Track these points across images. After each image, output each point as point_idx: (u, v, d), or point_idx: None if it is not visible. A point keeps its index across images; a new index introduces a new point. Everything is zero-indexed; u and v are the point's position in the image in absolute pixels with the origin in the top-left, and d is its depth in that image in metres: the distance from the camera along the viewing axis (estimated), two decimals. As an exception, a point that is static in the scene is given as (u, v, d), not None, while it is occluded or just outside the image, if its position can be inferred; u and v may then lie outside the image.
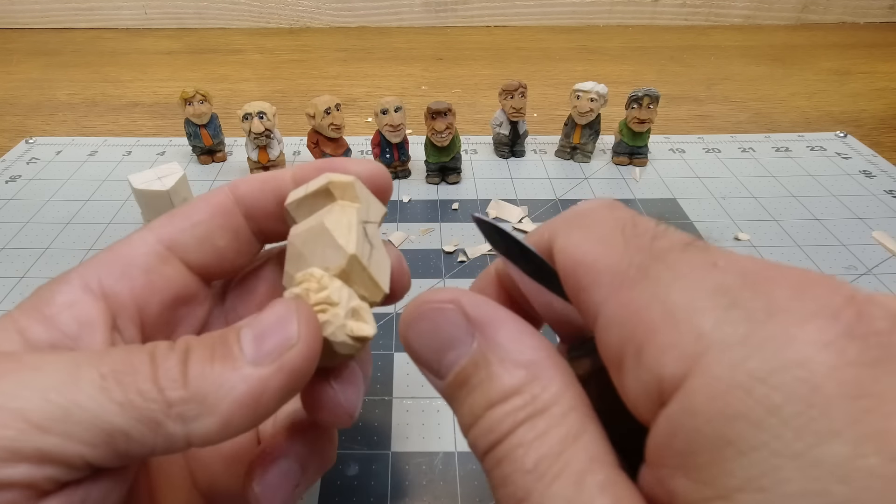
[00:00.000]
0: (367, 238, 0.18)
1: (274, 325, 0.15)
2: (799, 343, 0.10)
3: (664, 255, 0.12)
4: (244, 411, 0.14)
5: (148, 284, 0.18)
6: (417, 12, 0.90)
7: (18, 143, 0.54)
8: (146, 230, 0.19)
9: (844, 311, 0.10)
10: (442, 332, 0.14)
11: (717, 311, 0.11)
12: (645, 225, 0.13)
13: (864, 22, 0.91)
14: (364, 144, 0.53)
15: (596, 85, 0.47)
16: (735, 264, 0.11)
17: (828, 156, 0.52)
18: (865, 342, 0.10)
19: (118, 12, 0.88)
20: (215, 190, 0.20)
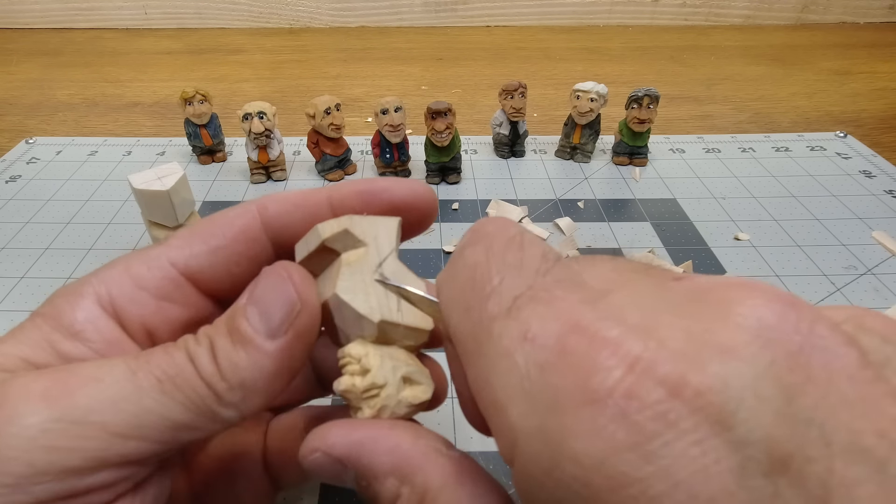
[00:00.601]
0: (387, 287, 0.17)
1: (274, 297, 0.15)
2: (572, 438, 0.11)
3: (491, 325, 0.13)
4: (279, 380, 0.15)
5: (158, 311, 0.18)
6: (417, 12, 0.90)
7: (18, 143, 0.54)
8: (163, 248, 0.18)
9: (615, 394, 0.10)
10: (325, 474, 0.16)
11: (522, 401, 0.12)
12: (486, 276, 0.13)
13: (864, 22, 0.91)
14: (364, 144, 0.53)
15: (596, 85, 0.47)
16: (544, 335, 0.12)
17: (828, 156, 0.52)
18: (638, 427, 0.10)
19: (118, 12, 0.88)
20: (243, 207, 0.19)
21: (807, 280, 0.37)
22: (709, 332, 0.11)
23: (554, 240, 0.41)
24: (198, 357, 0.15)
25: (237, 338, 0.15)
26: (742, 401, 0.10)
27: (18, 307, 0.35)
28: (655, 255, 0.39)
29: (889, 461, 0.09)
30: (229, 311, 0.16)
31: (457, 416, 0.28)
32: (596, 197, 0.46)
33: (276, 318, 0.15)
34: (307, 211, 0.19)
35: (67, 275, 0.38)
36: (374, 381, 0.16)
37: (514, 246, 0.14)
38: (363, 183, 0.19)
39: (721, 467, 0.09)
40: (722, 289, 0.11)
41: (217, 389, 0.15)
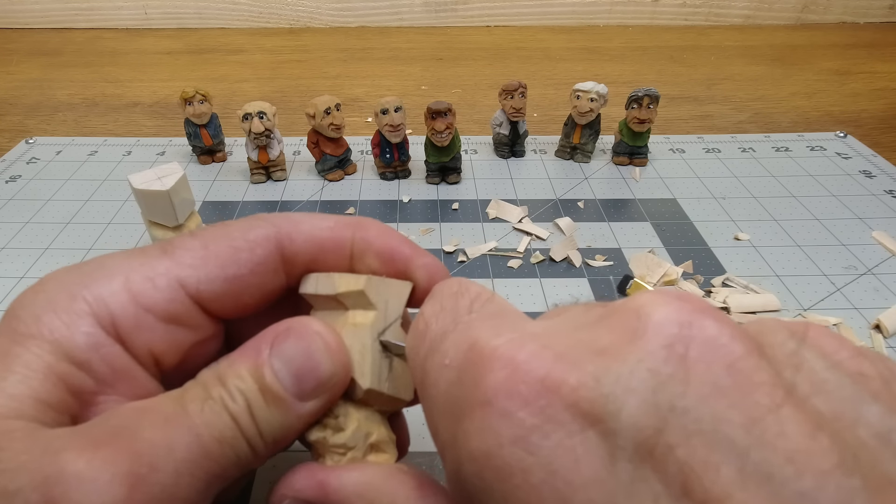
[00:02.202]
0: (383, 354, 0.17)
1: (309, 364, 0.16)
2: (468, 438, 0.12)
3: (426, 363, 0.14)
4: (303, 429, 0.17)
5: (165, 337, 0.16)
6: (417, 12, 0.90)
7: (18, 143, 0.54)
8: (172, 264, 0.16)
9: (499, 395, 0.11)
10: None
11: (444, 418, 0.13)
12: (424, 322, 0.15)
13: (864, 22, 0.91)
14: (364, 144, 0.53)
15: (596, 85, 0.47)
16: (454, 357, 0.13)
17: (828, 156, 0.52)
18: (520, 422, 0.11)
19: (118, 12, 0.88)
20: (263, 232, 0.17)
21: (807, 280, 0.37)
22: (595, 337, 0.12)
23: (554, 240, 0.41)
24: (240, 418, 0.15)
25: (270, 398, 0.15)
26: (612, 395, 0.10)
27: (18, 307, 0.35)
28: (655, 254, 0.39)
29: (751, 448, 0.09)
30: (249, 356, 0.16)
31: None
32: (596, 197, 0.46)
33: (309, 384, 0.16)
34: (330, 255, 0.18)
35: (67, 275, 0.38)
36: (346, 443, 0.17)
37: (453, 296, 0.15)
38: (389, 240, 0.18)
39: (592, 455, 0.10)
40: (632, 300, 0.12)
41: (255, 446, 0.15)
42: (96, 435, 0.14)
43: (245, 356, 0.16)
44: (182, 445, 0.14)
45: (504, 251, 0.40)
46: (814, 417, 0.10)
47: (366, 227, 0.18)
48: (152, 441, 0.14)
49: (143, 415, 0.14)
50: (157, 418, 0.14)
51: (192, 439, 0.14)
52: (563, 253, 0.39)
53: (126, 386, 0.16)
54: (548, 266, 0.39)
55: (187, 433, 0.14)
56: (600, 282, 0.37)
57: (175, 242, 0.17)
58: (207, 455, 0.14)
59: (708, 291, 0.36)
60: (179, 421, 0.14)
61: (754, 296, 0.36)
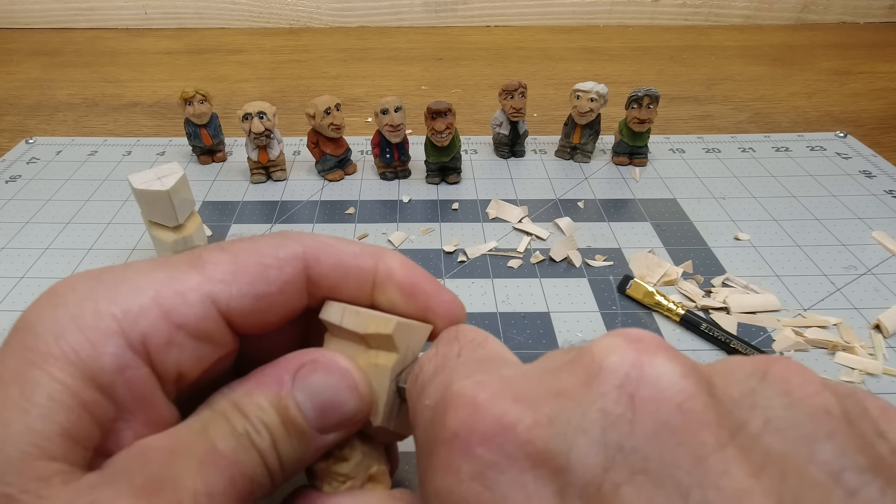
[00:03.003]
0: (397, 392, 0.18)
1: (334, 399, 0.16)
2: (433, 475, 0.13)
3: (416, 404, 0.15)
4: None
5: (195, 354, 0.16)
6: (417, 12, 0.90)
7: (18, 143, 0.54)
8: (203, 279, 0.16)
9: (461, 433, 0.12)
10: None
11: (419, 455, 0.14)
12: (420, 365, 0.16)
13: (864, 22, 0.91)
14: (364, 144, 0.53)
15: (596, 85, 0.47)
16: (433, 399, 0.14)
17: (828, 156, 0.52)
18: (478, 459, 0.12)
19: (118, 12, 0.88)
20: (289, 249, 0.17)
21: (807, 280, 0.37)
22: (556, 380, 0.12)
23: (554, 240, 0.41)
24: (265, 452, 0.15)
25: (292, 429, 0.15)
26: (563, 434, 0.11)
27: (18, 307, 0.35)
28: (655, 254, 0.39)
29: (693, 487, 0.10)
30: (271, 386, 0.15)
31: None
32: (596, 197, 0.46)
33: (332, 419, 0.16)
34: (353, 282, 0.18)
35: (67, 275, 0.38)
36: (348, 473, 0.17)
37: (448, 342, 0.16)
38: (413, 275, 0.18)
39: (543, 492, 0.11)
40: (594, 343, 0.13)
41: (275, 478, 0.15)
42: (140, 485, 0.13)
43: (265, 386, 0.15)
44: (219, 490, 0.14)
45: (504, 251, 0.40)
46: (759, 457, 0.10)
47: (390, 259, 0.18)
48: (195, 490, 0.13)
49: (176, 458, 0.14)
50: (192, 463, 0.14)
51: (229, 483, 0.14)
52: (563, 253, 0.39)
53: (146, 413, 0.15)
54: (548, 266, 0.39)
55: (223, 477, 0.14)
56: (600, 282, 0.37)
57: (203, 256, 0.16)
58: (240, 496, 0.14)
59: (708, 291, 0.36)
60: (214, 463, 0.14)
61: (754, 296, 0.36)
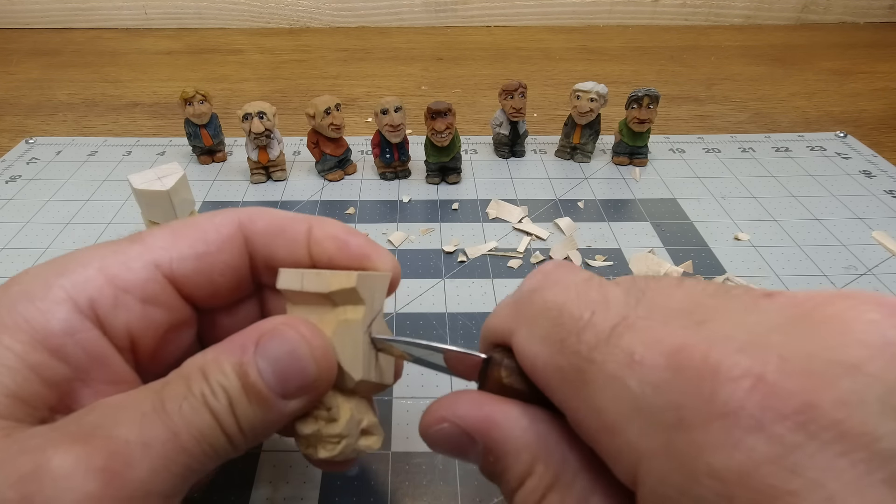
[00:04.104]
0: (371, 345, 0.18)
1: (292, 365, 0.16)
2: (707, 453, 0.11)
3: (593, 354, 0.13)
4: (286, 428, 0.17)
5: (144, 317, 0.17)
6: (417, 12, 0.90)
7: (18, 143, 0.54)
8: (144, 248, 0.17)
9: (747, 406, 0.10)
10: (450, 447, 0.16)
11: (639, 420, 0.12)
12: (576, 311, 0.14)
13: (864, 22, 0.91)
14: (364, 144, 0.53)
15: (596, 85, 0.47)
16: (652, 357, 0.12)
17: (828, 156, 0.52)
18: (778, 439, 0.10)
19: (118, 12, 0.88)
20: (227, 216, 0.18)
21: (807, 280, 0.37)
22: (830, 349, 0.11)
23: (554, 240, 0.41)
24: (220, 415, 0.15)
25: (253, 396, 0.15)
26: (882, 414, 0.10)
27: (18, 307, 0.35)
28: (655, 254, 0.39)
29: None
30: (234, 352, 0.16)
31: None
32: (596, 197, 0.46)
33: (293, 385, 0.16)
34: (288, 237, 0.19)
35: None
36: (340, 433, 0.17)
37: (594, 286, 0.15)
38: (345, 229, 0.19)
39: (873, 479, 0.09)
40: (828, 304, 0.11)
41: (235, 442, 0.15)
42: (72, 432, 0.14)
43: (229, 352, 0.16)
44: (158, 443, 0.14)
45: (504, 251, 0.40)
46: None
47: (324, 221, 0.19)
48: (128, 439, 0.14)
49: (120, 411, 0.14)
50: (134, 415, 0.14)
51: (169, 437, 0.14)
52: (563, 253, 0.39)
53: (102, 373, 0.16)
54: (548, 266, 0.39)
55: (164, 431, 0.14)
56: (600, 282, 0.37)
57: (144, 233, 0.18)
58: (184, 451, 0.14)
59: (708, 291, 0.36)
60: (156, 418, 0.14)
61: (754, 296, 0.36)
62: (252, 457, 0.26)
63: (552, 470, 0.14)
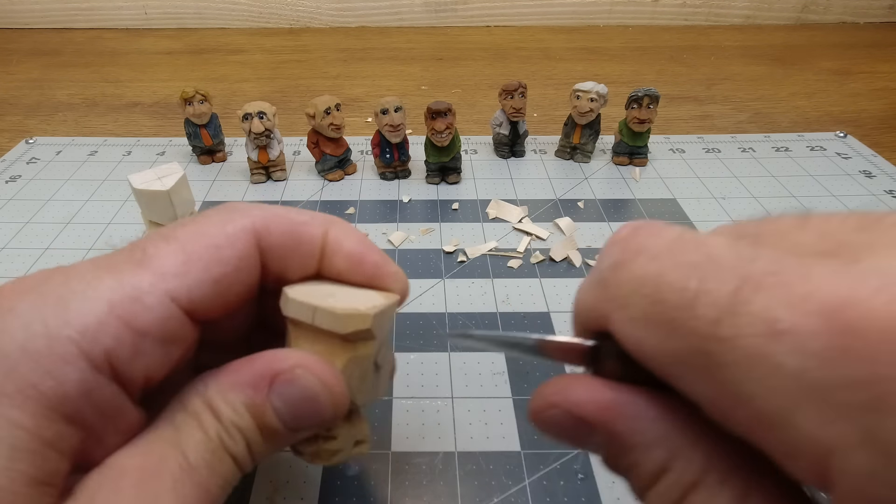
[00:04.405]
0: (376, 369, 0.18)
1: (311, 408, 0.16)
2: None
3: (718, 330, 0.10)
4: None
5: (163, 358, 0.15)
6: (417, 12, 0.90)
7: (18, 143, 0.54)
8: (156, 277, 0.15)
9: None
10: (564, 435, 0.14)
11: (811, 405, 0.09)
12: (678, 282, 0.11)
13: (864, 22, 0.91)
14: (364, 144, 0.53)
15: (596, 85, 0.47)
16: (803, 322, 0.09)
17: (828, 156, 0.52)
18: None
19: (118, 12, 0.88)
20: (237, 224, 0.16)
21: (807, 280, 0.37)
22: None
23: (554, 240, 0.41)
24: (239, 458, 0.15)
25: (268, 434, 0.15)
26: None
27: (18, 307, 0.35)
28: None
29: None
30: (245, 390, 0.15)
31: (457, 417, 0.28)
32: (596, 197, 0.46)
33: (307, 423, 0.16)
34: (304, 252, 0.18)
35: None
36: (337, 448, 0.18)
37: (689, 245, 0.12)
38: (360, 245, 0.18)
39: None
40: None
41: (245, 470, 0.16)
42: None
43: (240, 388, 0.15)
44: (193, 502, 0.14)
45: (504, 251, 0.40)
46: None
47: (339, 227, 0.18)
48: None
49: (150, 480, 0.13)
50: (167, 482, 0.14)
51: (203, 495, 0.14)
52: (563, 253, 0.39)
53: (113, 426, 0.14)
54: (548, 266, 0.39)
55: (198, 491, 0.14)
56: (600, 282, 0.37)
57: (148, 250, 0.15)
58: (210, 498, 0.15)
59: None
60: (189, 480, 0.14)
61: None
62: (252, 457, 0.26)
63: (694, 466, 0.12)
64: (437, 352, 0.32)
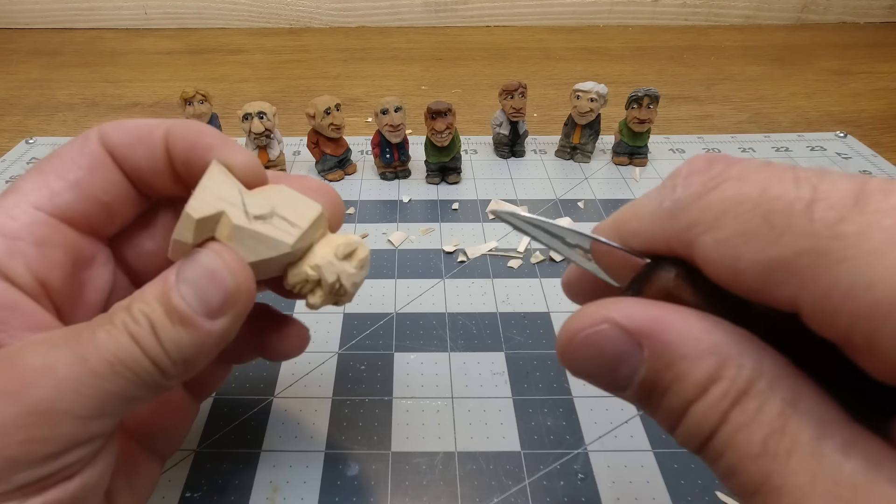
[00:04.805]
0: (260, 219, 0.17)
1: (209, 280, 0.16)
2: None
3: (840, 228, 0.10)
4: (217, 351, 0.17)
5: (43, 258, 0.17)
6: (417, 12, 0.90)
7: (18, 143, 0.54)
8: (18, 196, 0.17)
9: None
10: (607, 353, 0.13)
11: None
12: (790, 192, 0.11)
13: (864, 22, 0.91)
14: (364, 144, 0.53)
15: (596, 85, 0.47)
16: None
17: (828, 156, 0.52)
18: None
19: (118, 12, 0.88)
20: (83, 138, 0.18)
21: (807, 280, 0.37)
22: None
23: (554, 240, 0.41)
24: (141, 338, 0.15)
25: (176, 318, 0.16)
26: None
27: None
28: (655, 255, 0.39)
29: None
30: (157, 285, 0.16)
31: (457, 417, 0.28)
32: (596, 197, 0.46)
33: (215, 301, 0.16)
34: (148, 146, 0.18)
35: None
36: (336, 280, 0.18)
37: (787, 168, 0.12)
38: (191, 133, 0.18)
39: None
40: None
41: (163, 367, 0.16)
42: None
43: (153, 285, 0.16)
44: (64, 366, 0.15)
45: (504, 251, 0.40)
46: None
47: (181, 123, 0.19)
48: (32, 363, 0.15)
49: (33, 344, 0.15)
50: (42, 346, 0.15)
51: (76, 360, 0.15)
52: (563, 253, 0.39)
53: (19, 321, 0.16)
54: (548, 266, 0.39)
55: (70, 355, 0.15)
56: (600, 282, 0.37)
57: (16, 182, 0.18)
58: (95, 374, 0.15)
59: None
60: (63, 346, 0.15)
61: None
62: (252, 456, 0.27)
63: (746, 373, 0.12)
64: (437, 352, 0.32)
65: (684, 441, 0.13)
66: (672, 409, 0.13)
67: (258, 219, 0.17)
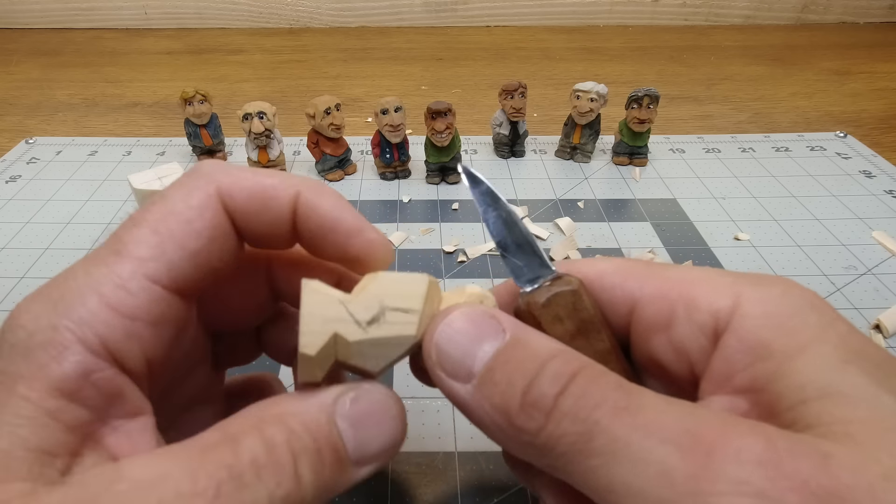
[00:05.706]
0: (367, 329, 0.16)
1: (376, 429, 0.16)
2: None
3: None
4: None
5: (157, 338, 0.15)
6: (417, 12, 0.90)
7: (18, 143, 0.54)
8: (135, 266, 0.15)
9: None
10: (477, 328, 0.16)
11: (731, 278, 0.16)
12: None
13: (864, 22, 0.91)
14: (364, 144, 0.53)
15: (596, 85, 0.47)
16: None
17: (828, 156, 0.52)
18: None
19: (118, 12, 0.88)
20: (201, 192, 0.16)
21: (807, 280, 0.37)
22: None
23: (554, 240, 0.41)
24: (302, 479, 0.15)
25: (328, 458, 0.15)
26: None
27: (18, 307, 0.35)
28: (655, 255, 0.39)
29: None
30: (317, 417, 0.15)
31: (457, 417, 0.28)
32: (596, 197, 0.46)
33: (372, 453, 0.16)
34: (271, 214, 0.17)
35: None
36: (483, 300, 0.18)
37: None
38: (332, 211, 0.17)
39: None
40: None
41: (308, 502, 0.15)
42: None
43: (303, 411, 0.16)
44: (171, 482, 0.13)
45: (504, 251, 0.40)
46: None
47: (311, 188, 0.17)
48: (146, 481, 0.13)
49: (155, 488, 0.13)
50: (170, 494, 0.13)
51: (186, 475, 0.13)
52: (563, 253, 0.39)
53: (120, 409, 0.15)
54: (548, 266, 0.39)
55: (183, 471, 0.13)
56: (600, 282, 0.37)
57: (123, 238, 0.16)
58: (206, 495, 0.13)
59: (708, 291, 0.36)
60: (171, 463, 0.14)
61: (754, 296, 0.36)
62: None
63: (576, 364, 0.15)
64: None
65: (535, 401, 0.15)
66: (525, 370, 0.15)
67: (371, 323, 0.16)
